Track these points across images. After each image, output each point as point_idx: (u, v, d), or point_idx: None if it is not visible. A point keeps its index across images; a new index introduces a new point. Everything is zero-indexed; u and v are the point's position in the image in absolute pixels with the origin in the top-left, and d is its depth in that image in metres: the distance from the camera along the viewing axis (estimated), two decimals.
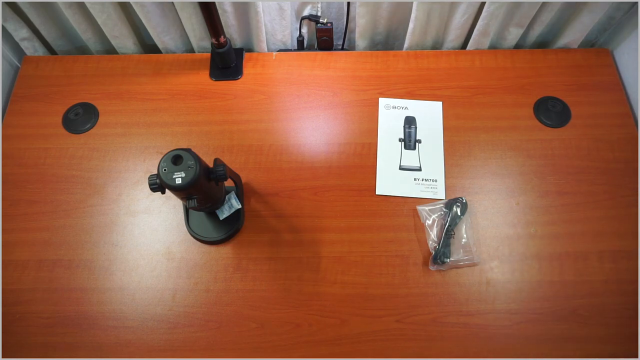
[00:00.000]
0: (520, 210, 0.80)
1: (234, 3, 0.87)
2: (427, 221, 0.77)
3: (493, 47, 0.97)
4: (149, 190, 0.61)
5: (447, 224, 0.76)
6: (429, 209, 0.78)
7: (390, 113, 0.88)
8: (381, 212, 0.80)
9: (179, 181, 0.58)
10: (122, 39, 0.94)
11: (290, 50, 1.00)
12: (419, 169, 0.83)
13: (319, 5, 0.93)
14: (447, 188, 0.82)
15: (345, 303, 0.73)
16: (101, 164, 0.84)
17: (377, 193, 0.81)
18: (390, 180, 0.82)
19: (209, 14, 0.79)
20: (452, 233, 0.76)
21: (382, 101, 0.89)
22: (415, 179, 0.82)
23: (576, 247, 0.77)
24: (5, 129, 0.88)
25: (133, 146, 0.86)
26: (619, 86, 0.90)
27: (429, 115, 0.88)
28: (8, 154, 0.85)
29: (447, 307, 0.73)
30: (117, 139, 0.87)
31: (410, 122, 0.87)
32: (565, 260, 0.76)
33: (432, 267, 0.75)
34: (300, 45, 0.99)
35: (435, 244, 0.75)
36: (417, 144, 0.85)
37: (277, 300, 0.74)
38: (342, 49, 1.01)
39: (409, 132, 0.86)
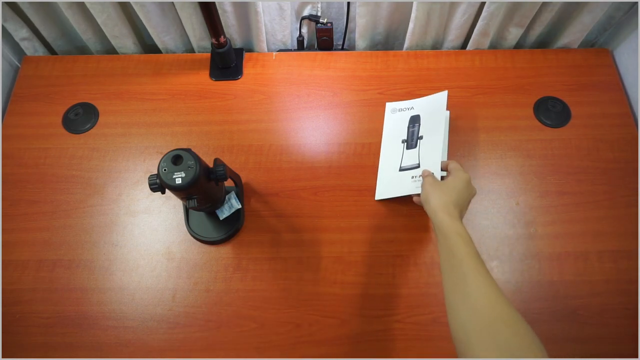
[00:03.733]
0: (520, 210, 0.80)
1: (234, 3, 0.87)
2: None
3: (493, 47, 0.97)
4: (149, 190, 0.61)
5: None
6: None
7: (396, 116, 0.87)
8: (381, 212, 0.80)
9: (179, 181, 0.58)
10: (122, 39, 0.94)
11: (290, 50, 1.00)
12: (417, 166, 0.82)
13: (319, 5, 0.93)
14: None
15: (345, 303, 0.73)
16: (101, 164, 0.84)
17: (376, 199, 0.80)
18: (389, 184, 0.81)
19: (209, 14, 0.79)
20: None
21: (389, 105, 0.88)
22: (412, 177, 0.81)
23: (576, 247, 0.77)
24: (5, 129, 0.88)
25: (133, 146, 0.86)
26: (619, 86, 0.90)
27: (434, 109, 0.84)
28: (8, 154, 0.85)
29: None
30: (117, 139, 0.87)
31: (414, 120, 0.86)
32: (565, 260, 0.76)
33: None
34: (300, 45, 0.99)
35: None
36: (418, 140, 0.84)
37: (277, 300, 0.74)
38: (342, 49, 1.01)
39: (412, 131, 0.85)
